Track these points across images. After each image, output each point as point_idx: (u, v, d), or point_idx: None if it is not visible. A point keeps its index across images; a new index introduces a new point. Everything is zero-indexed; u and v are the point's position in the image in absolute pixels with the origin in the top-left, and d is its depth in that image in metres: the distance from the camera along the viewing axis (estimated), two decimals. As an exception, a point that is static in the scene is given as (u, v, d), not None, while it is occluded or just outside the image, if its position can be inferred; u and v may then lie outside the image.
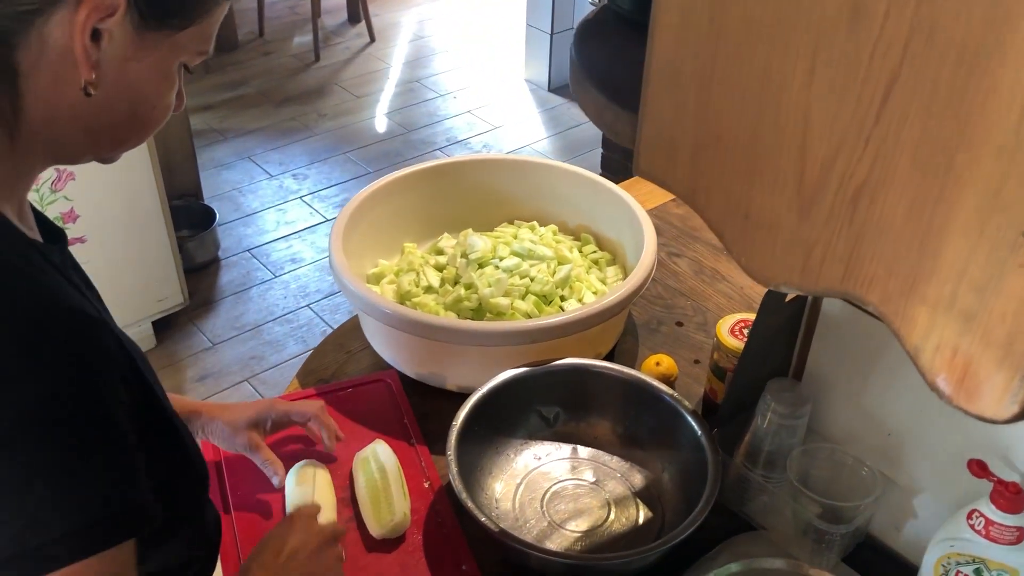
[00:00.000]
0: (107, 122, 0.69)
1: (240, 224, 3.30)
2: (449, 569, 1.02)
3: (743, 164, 0.62)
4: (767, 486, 1.07)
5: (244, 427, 1.08)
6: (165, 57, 0.68)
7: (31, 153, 0.68)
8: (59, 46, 0.63)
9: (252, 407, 1.10)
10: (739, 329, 1.19)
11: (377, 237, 1.43)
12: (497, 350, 1.17)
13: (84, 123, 0.68)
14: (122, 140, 0.72)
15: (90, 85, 0.64)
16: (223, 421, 1.07)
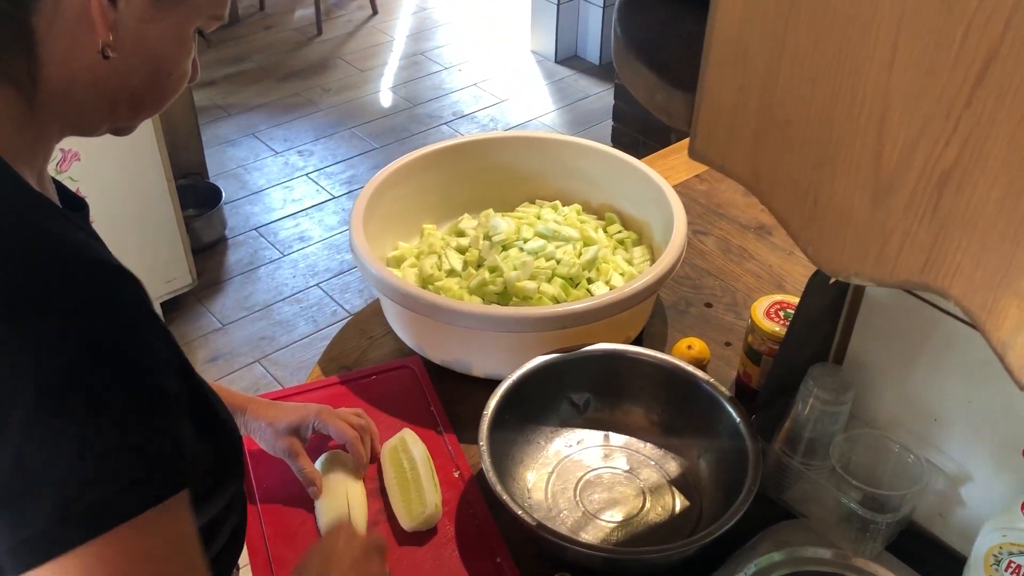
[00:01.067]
0: (125, 87, 0.68)
1: (246, 202, 3.26)
2: (483, 562, 1.00)
3: (813, 147, 0.58)
4: (807, 473, 1.04)
5: (285, 432, 1.05)
6: (181, 21, 0.67)
7: (50, 121, 0.67)
8: (75, 7, 0.62)
9: (296, 412, 1.06)
10: (775, 311, 1.16)
11: (396, 219, 1.39)
12: (526, 336, 1.14)
13: (102, 88, 0.67)
14: (140, 107, 0.71)
15: (108, 47, 0.63)
16: (266, 422, 1.04)
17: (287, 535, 1.02)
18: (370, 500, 1.06)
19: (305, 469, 1.04)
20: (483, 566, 0.99)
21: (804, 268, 1.44)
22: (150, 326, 0.62)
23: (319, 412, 1.07)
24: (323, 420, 1.06)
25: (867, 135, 0.55)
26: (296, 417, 1.05)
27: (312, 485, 1.04)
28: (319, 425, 1.06)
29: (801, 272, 1.43)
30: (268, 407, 1.06)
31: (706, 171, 1.67)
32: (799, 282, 1.41)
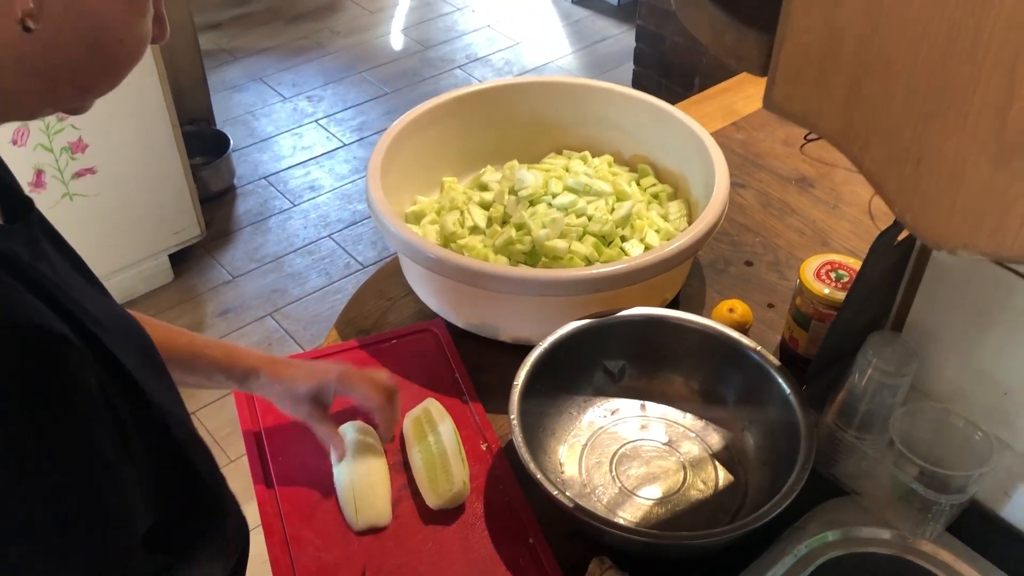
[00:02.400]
0: (62, 64, 0.56)
1: (255, 150, 3.17)
2: (514, 543, 0.93)
3: (922, 96, 0.50)
4: (861, 448, 0.96)
5: (306, 396, 0.96)
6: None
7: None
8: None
9: (316, 375, 0.97)
10: (825, 272, 1.07)
11: (414, 171, 1.30)
12: (558, 300, 1.06)
13: (31, 66, 0.55)
14: (86, 86, 0.59)
15: (28, 17, 0.52)
16: (285, 384, 0.96)
17: (304, 514, 0.96)
18: (393, 475, 1.00)
19: (330, 434, 0.98)
20: (514, 548, 0.93)
21: (850, 224, 1.35)
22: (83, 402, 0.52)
23: (341, 376, 0.97)
24: (346, 383, 0.97)
25: (992, 82, 0.46)
26: (316, 381, 0.96)
27: (335, 451, 0.98)
28: (342, 389, 0.98)
29: (847, 228, 1.34)
30: (286, 367, 0.98)
31: (743, 119, 1.57)
32: (845, 239, 1.32)
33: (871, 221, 1.35)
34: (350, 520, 0.96)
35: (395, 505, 0.97)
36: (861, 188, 1.41)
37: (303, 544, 0.94)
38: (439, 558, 0.92)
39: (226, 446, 2.23)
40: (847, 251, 1.30)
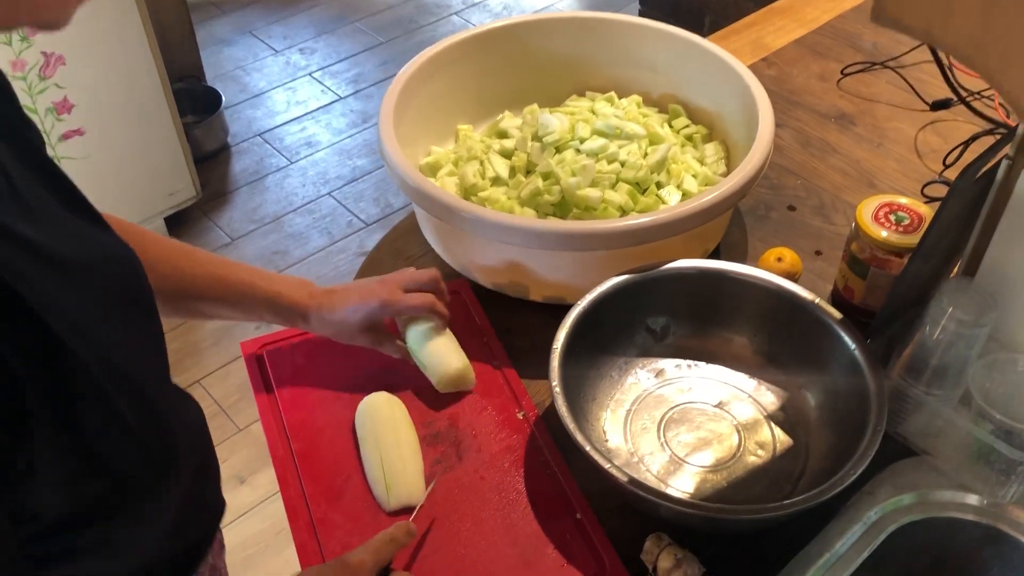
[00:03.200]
0: None
1: (248, 106, 3.05)
2: (560, 518, 0.86)
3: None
4: (933, 405, 0.89)
5: (358, 332, 0.95)
6: None
7: None
8: None
9: (362, 308, 0.94)
10: (884, 215, 0.99)
11: (427, 120, 1.21)
12: (595, 255, 0.97)
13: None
14: None
15: None
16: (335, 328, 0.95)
17: (331, 495, 0.88)
18: (425, 449, 0.92)
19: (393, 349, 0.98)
20: (561, 524, 0.85)
21: (896, 163, 1.26)
22: None
23: (383, 304, 0.94)
24: (391, 308, 0.95)
25: None
26: (363, 315, 0.94)
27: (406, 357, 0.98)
28: (389, 312, 0.96)
29: (893, 167, 1.25)
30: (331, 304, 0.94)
31: (773, 54, 1.47)
32: (892, 179, 1.23)
33: (918, 159, 1.26)
34: (381, 499, 0.88)
35: (428, 481, 0.89)
36: (906, 124, 1.32)
37: (331, 527, 0.86)
38: (479, 537, 0.85)
39: (233, 414, 2.16)
40: (895, 192, 1.21)
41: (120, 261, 0.62)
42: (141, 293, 0.63)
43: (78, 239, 0.58)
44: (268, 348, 1.01)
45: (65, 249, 0.55)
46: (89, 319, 0.54)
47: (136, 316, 0.61)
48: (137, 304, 0.62)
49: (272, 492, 2.00)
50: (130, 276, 0.62)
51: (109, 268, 0.60)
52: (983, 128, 1.29)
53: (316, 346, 1.01)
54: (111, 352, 0.55)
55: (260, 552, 1.91)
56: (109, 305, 0.58)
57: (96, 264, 0.58)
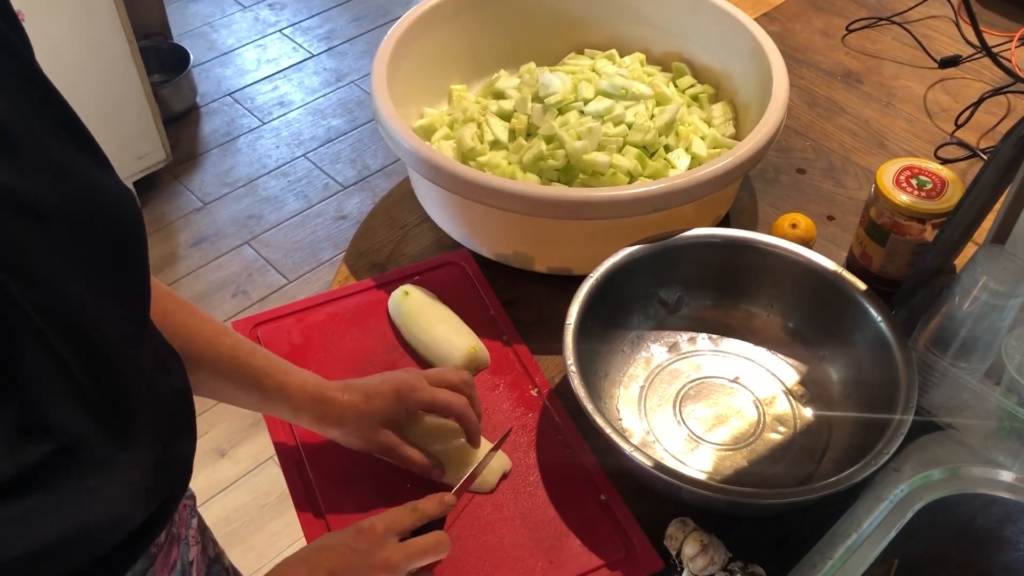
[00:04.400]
0: None
1: (217, 65, 2.94)
2: (584, 502, 0.82)
3: None
4: (961, 378, 0.86)
5: (378, 426, 0.81)
6: None
7: None
8: None
9: (383, 400, 0.80)
10: (905, 179, 0.95)
11: (420, 80, 1.14)
12: (605, 223, 0.92)
13: None
14: None
15: None
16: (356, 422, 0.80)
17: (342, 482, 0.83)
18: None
19: (416, 459, 0.82)
20: (585, 507, 0.81)
21: (906, 123, 1.22)
22: None
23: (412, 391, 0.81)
24: (418, 400, 0.81)
25: None
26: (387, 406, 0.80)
27: (436, 468, 0.82)
28: (414, 407, 0.83)
29: (903, 128, 1.21)
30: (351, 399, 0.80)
31: (774, 9, 1.41)
32: (903, 140, 1.19)
33: (929, 119, 1.22)
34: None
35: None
36: (914, 82, 1.28)
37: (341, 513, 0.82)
38: (500, 524, 0.80)
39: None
40: (906, 153, 1.17)
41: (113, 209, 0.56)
42: (131, 246, 0.57)
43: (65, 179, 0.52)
44: (261, 328, 0.95)
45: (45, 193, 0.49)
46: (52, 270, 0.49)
47: (118, 270, 0.56)
48: (124, 257, 0.56)
49: (254, 465, 1.95)
50: (120, 227, 0.56)
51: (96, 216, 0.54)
52: (993, 87, 1.25)
53: (313, 325, 0.96)
54: (69, 307, 0.50)
55: (244, 526, 1.86)
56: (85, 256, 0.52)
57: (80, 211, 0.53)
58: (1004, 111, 1.22)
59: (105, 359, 0.53)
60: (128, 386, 0.56)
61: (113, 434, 0.54)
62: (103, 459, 0.54)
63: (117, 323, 0.56)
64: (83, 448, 0.52)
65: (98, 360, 0.52)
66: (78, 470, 0.52)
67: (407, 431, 0.83)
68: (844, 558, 0.80)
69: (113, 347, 0.54)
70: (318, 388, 0.80)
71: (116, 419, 0.54)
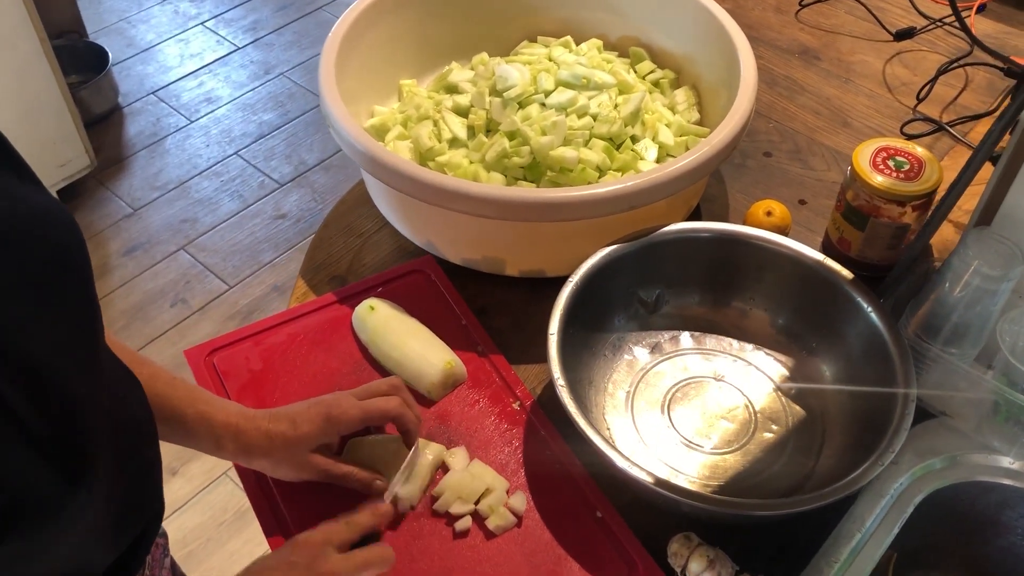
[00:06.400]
0: None
1: (137, 62, 2.80)
2: (578, 519, 0.77)
3: None
4: (954, 363, 0.84)
5: (308, 452, 0.75)
6: None
7: None
8: None
9: (312, 425, 0.75)
10: (882, 161, 0.92)
11: (369, 76, 1.08)
12: (580, 223, 0.88)
13: None
14: None
15: None
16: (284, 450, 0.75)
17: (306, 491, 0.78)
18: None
19: (355, 474, 0.77)
20: (581, 526, 0.77)
21: (867, 99, 1.20)
22: None
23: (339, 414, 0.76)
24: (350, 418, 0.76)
25: None
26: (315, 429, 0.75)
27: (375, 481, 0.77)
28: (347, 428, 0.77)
29: (866, 104, 1.19)
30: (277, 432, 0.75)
31: (725, -15, 1.38)
32: (867, 117, 1.17)
33: (889, 94, 1.20)
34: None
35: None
36: (871, 56, 1.26)
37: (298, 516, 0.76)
38: (494, 552, 0.75)
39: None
40: (871, 130, 1.15)
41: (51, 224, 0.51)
42: (73, 263, 0.52)
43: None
44: (217, 355, 0.89)
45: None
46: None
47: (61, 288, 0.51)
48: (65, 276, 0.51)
49: (208, 482, 1.87)
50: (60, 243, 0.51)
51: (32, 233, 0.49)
52: (948, 57, 1.24)
53: (273, 347, 0.89)
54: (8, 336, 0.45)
55: (202, 547, 1.79)
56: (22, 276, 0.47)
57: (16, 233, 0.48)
58: (962, 83, 1.21)
59: (54, 389, 0.47)
60: (82, 417, 0.50)
61: (67, 474, 0.48)
62: (58, 505, 0.48)
63: (65, 348, 0.50)
64: (33, 496, 0.46)
65: (44, 392, 0.46)
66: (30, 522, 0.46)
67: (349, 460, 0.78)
68: (850, 560, 0.77)
69: (62, 375, 0.48)
70: (242, 418, 0.75)
71: (70, 456, 0.48)
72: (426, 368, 0.85)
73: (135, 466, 0.61)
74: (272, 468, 0.77)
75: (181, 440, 0.75)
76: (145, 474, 0.63)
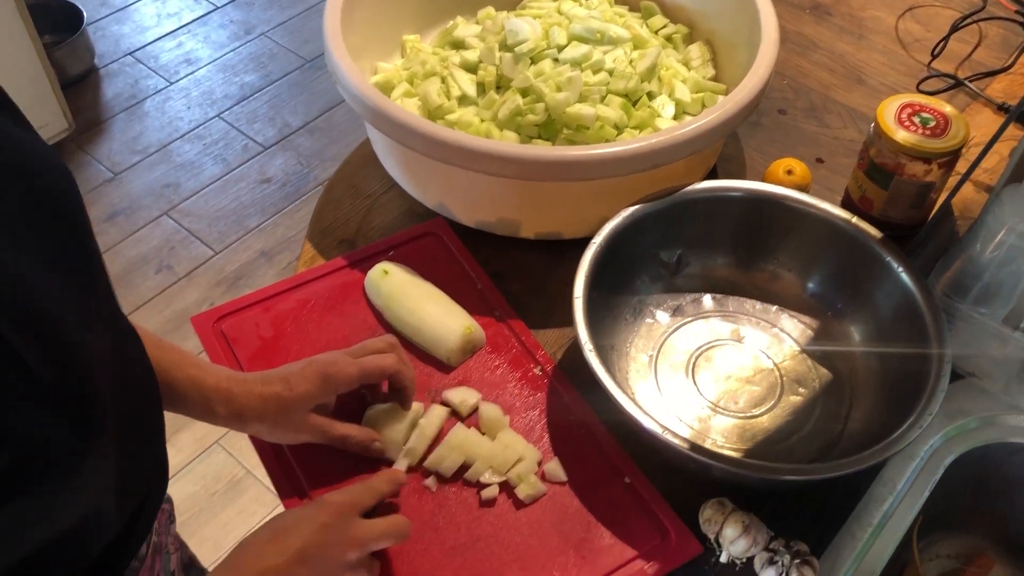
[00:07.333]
0: None
1: (113, 22, 2.72)
2: (608, 485, 0.75)
3: None
4: (985, 323, 0.82)
5: (306, 412, 0.73)
6: None
7: None
8: None
9: (308, 383, 0.73)
10: (908, 117, 0.90)
11: (373, 31, 1.04)
12: (601, 182, 0.85)
13: None
14: None
15: None
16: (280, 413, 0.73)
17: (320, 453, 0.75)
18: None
19: (353, 435, 0.75)
20: (610, 492, 0.75)
21: (881, 55, 1.17)
22: None
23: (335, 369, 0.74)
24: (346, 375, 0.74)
25: None
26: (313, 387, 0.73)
27: (374, 443, 0.76)
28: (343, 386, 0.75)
29: (880, 61, 1.16)
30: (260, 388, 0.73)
31: (732, -61, 1.34)
32: (881, 74, 1.15)
33: (903, 50, 1.18)
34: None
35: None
36: (883, 12, 1.23)
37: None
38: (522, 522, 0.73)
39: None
40: (886, 88, 1.12)
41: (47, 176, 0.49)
42: (70, 210, 0.50)
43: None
44: (225, 321, 0.85)
45: None
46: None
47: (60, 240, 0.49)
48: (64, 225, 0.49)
49: (199, 451, 1.84)
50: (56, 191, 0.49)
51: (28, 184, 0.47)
52: (961, 12, 1.21)
53: (284, 314, 0.86)
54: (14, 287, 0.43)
55: (195, 517, 1.76)
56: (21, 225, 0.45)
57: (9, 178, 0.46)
58: (976, 39, 1.18)
59: (63, 344, 0.45)
60: (90, 371, 0.48)
61: (79, 429, 0.46)
62: (71, 460, 0.46)
63: (69, 302, 0.48)
64: (46, 451, 0.44)
65: (55, 345, 0.44)
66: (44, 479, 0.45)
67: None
68: (882, 524, 0.76)
69: (69, 329, 0.46)
70: (234, 382, 0.72)
71: (82, 411, 0.46)
72: (445, 333, 0.83)
73: (140, 424, 0.59)
74: (268, 432, 0.75)
75: (170, 406, 0.71)
76: (152, 433, 0.61)
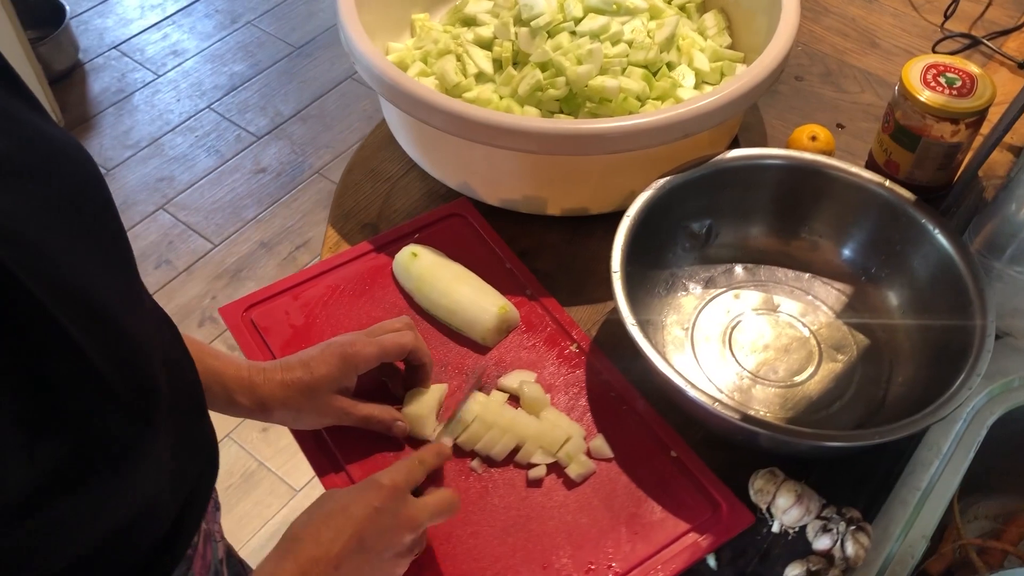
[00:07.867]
0: None
1: (95, 15, 2.67)
2: (653, 460, 0.75)
3: None
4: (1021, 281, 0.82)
5: (330, 393, 0.72)
6: None
7: None
8: None
9: (328, 366, 0.72)
10: (933, 77, 0.89)
11: (382, 10, 1.02)
12: (627, 155, 0.84)
13: None
14: None
15: None
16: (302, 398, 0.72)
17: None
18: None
19: (376, 415, 0.74)
20: (656, 466, 0.74)
21: (893, 18, 1.16)
22: None
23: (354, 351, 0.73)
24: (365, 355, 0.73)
25: None
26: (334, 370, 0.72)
27: (396, 422, 0.75)
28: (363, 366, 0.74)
29: (892, 23, 1.15)
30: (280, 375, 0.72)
31: (736, -94, 1.32)
32: (895, 36, 1.14)
33: (915, 12, 1.17)
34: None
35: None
36: (892, -26, 1.22)
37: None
38: (571, 500, 0.72)
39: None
40: (900, 51, 1.11)
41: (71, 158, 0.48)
42: (99, 198, 0.49)
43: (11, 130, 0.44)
44: (254, 311, 0.84)
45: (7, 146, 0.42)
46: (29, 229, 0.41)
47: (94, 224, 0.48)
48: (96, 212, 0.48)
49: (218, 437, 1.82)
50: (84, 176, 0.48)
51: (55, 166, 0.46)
52: (970, -28, 1.20)
53: (313, 300, 0.85)
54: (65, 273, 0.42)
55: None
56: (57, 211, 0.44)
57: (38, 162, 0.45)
58: (987, -2, 1.18)
59: (115, 330, 0.44)
60: (144, 357, 0.47)
61: (136, 414, 0.46)
62: (129, 445, 0.45)
63: (111, 287, 0.47)
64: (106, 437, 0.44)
65: (108, 331, 0.44)
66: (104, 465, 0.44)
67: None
68: (930, 488, 0.76)
69: (116, 310, 0.45)
70: (254, 371, 0.72)
71: (138, 397, 0.46)
72: (479, 314, 0.82)
73: (188, 409, 0.58)
74: (293, 419, 0.74)
75: None
76: (198, 415, 0.60)
